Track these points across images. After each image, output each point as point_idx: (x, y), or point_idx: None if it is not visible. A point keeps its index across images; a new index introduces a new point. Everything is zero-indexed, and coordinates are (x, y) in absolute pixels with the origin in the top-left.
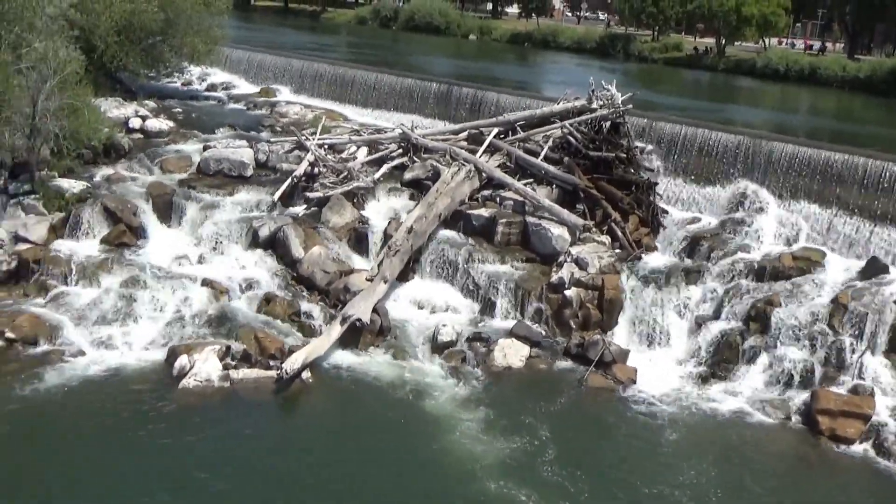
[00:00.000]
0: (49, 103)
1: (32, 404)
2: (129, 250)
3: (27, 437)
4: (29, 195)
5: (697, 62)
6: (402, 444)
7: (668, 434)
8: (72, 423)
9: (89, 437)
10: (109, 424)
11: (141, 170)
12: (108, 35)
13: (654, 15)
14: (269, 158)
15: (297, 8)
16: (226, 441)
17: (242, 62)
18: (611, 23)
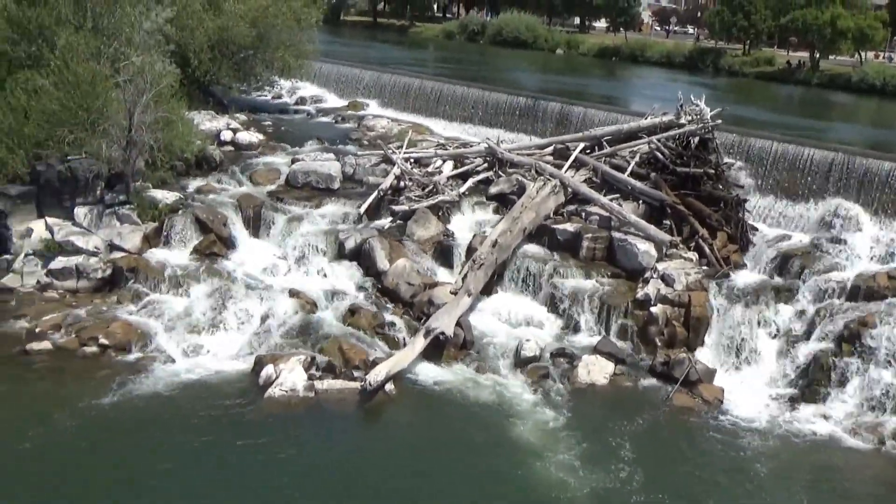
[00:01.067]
0: (145, 116)
1: (123, 409)
2: (218, 260)
3: (117, 442)
4: (124, 205)
5: (790, 76)
6: (482, 460)
7: (757, 457)
8: (160, 428)
9: (177, 443)
10: (196, 431)
11: (231, 182)
12: (202, 50)
13: (746, 28)
14: (356, 171)
15: (386, 23)
16: (309, 451)
17: (331, 76)
18: (700, 37)
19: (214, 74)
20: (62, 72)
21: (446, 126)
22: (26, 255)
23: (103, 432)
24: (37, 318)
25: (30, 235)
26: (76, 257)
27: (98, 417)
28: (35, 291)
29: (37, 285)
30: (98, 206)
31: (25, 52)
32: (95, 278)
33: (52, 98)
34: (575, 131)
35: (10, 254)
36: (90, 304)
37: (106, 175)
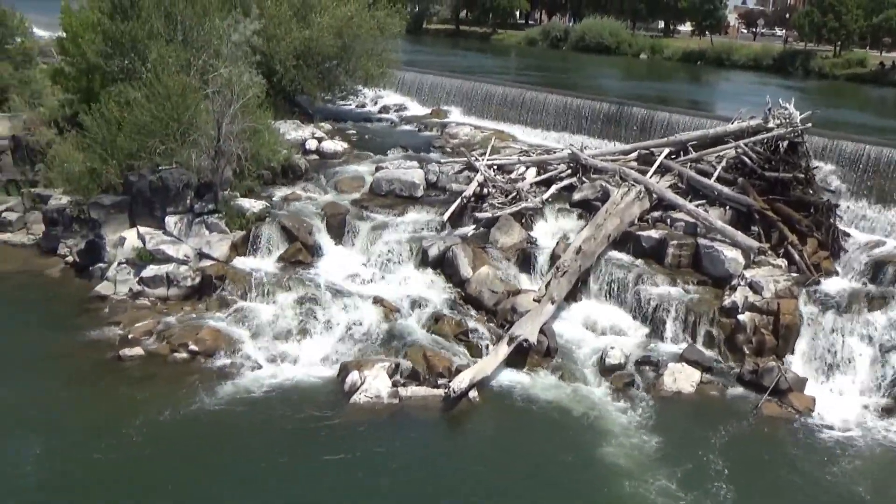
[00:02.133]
0: (233, 126)
1: (212, 414)
2: (304, 268)
3: (205, 446)
4: (213, 214)
5: (883, 78)
6: (566, 469)
7: (850, 469)
8: (247, 433)
9: (263, 448)
10: (282, 437)
11: (316, 190)
12: (288, 60)
13: (836, 29)
14: (439, 179)
15: (468, 30)
16: (393, 457)
17: (414, 84)
18: (789, 39)
19: (300, 84)
20: (153, 84)
21: (529, 133)
22: (119, 263)
23: (192, 437)
24: (129, 325)
25: (122, 244)
26: (167, 266)
27: (187, 422)
28: (128, 299)
29: (129, 293)
30: (188, 215)
31: (118, 65)
32: (185, 286)
33: (144, 110)
34: (659, 137)
35: (104, 262)
36: (180, 311)
37: (195, 185)
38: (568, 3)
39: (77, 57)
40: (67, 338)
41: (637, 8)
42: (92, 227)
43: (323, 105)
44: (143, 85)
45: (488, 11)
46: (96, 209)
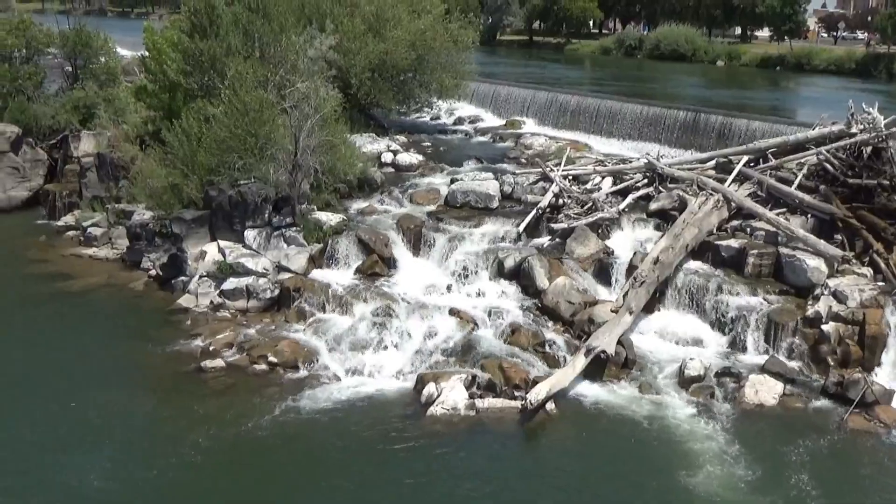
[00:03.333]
0: (310, 140)
1: (290, 426)
2: (380, 280)
3: (284, 457)
4: (291, 227)
5: None
6: (645, 483)
7: None
8: (325, 445)
9: (341, 460)
10: (360, 448)
11: (392, 202)
12: (363, 74)
13: None
14: (515, 190)
15: (542, 41)
16: (471, 469)
17: (488, 96)
18: (871, 42)
19: (375, 98)
20: (232, 100)
21: (604, 142)
22: (200, 276)
23: (271, 448)
24: (210, 337)
25: (203, 258)
26: (246, 278)
27: (267, 433)
28: (209, 311)
29: (210, 305)
30: (266, 228)
31: (198, 82)
32: (264, 298)
33: (223, 126)
34: (738, 144)
35: (185, 276)
36: (259, 323)
37: (273, 199)
38: (642, 12)
39: (159, 75)
40: (151, 349)
41: (713, 14)
42: (174, 242)
43: (398, 118)
44: (221, 101)
45: (562, 21)
46: (178, 224)
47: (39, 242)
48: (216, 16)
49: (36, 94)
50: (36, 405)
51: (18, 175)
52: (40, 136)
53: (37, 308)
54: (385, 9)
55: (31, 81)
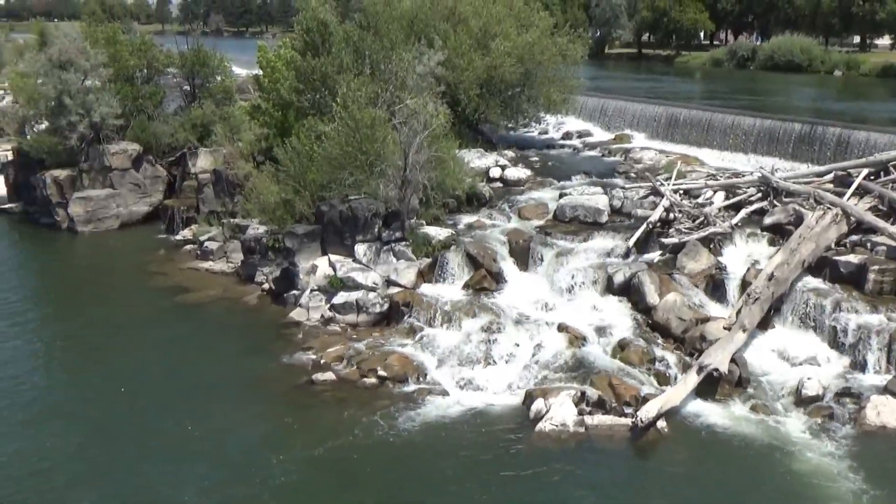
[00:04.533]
0: (419, 156)
1: (400, 439)
2: (489, 295)
3: (393, 471)
4: (400, 242)
5: None
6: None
7: None
8: (433, 459)
9: (449, 474)
10: (468, 463)
11: (500, 217)
12: (471, 89)
13: None
14: (624, 204)
15: (651, 53)
16: (580, 486)
17: (597, 110)
18: None
19: (483, 113)
20: (343, 117)
21: (716, 156)
22: (312, 290)
23: (380, 462)
24: (321, 350)
25: (315, 272)
26: (356, 292)
27: (376, 447)
28: (319, 325)
29: (321, 319)
30: (376, 243)
31: (309, 100)
32: (374, 312)
33: (334, 143)
34: (857, 157)
35: (297, 289)
36: (369, 337)
37: (383, 214)
38: (755, 22)
39: (272, 93)
40: (264, 362)
41: (830, 23)
42: (286, 256)
43: (506, 133)
44: (332, 119)
45: (672, 33)
46: (290, 238)
47: (159, 256)
48: (328, 34)
49: (156, 113)
50: (153, 414)
51: (139, 191)
52: (160, 153)
53: (157, 319)
54: (492, 24)
55: (152, 101)
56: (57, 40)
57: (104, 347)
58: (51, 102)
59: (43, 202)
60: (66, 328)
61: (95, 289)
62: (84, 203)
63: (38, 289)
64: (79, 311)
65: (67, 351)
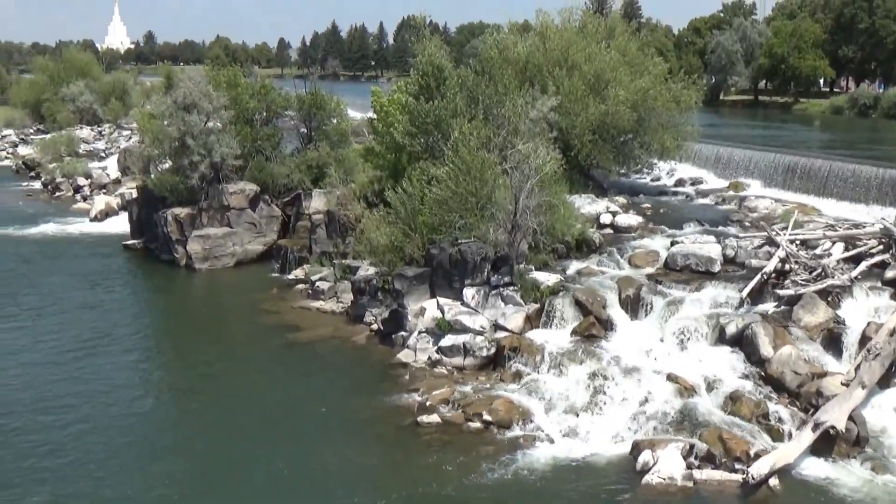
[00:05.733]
0: (529, 201)
1: (504, 486)
2: (597, 342)
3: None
4: (508, 287)
5: None
6: None
7: None
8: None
9: None
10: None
11: (610, 264)
12: (584, 135)
13: None
14: (738, 254)
15: (768, 100)
16: None
17: (711, 156)
18: None
19: (595, 158)
20: (454, 161)
21: (835, 206)
22: (420, 332)
23: None
24: (427, 392)
25: (423, 314)
26: (464, 336)
27: (479, 491)
28: (426, 367)
29: (428, 361)
30: (485, 287)
31: (422, 144)
32: (481, 356)
33: (445, 186)
34: None
35: (405, 331)
36: (475, 380)
37: (492, 258)
38: (878, 69)
39: (385, 136)
40: (370, 402)
41: None
42: (395, 297)
43: (617, 179)
44: (444, 162)
45: (790, 80)
46: (400, 280)
47: (272, 294)
48: (443, 78)
49: (273, 155)
50: (260, 448)
51: (255, 230)
52: (275, 193)
53: (268, 356)
54: (605, 70)
55: (270, 143)
56: (182, 83)
57: (217, 382)
58: (174, 143)
59: (164, 239)
60: (181, 362)
61: (210, 325)
62: (202, 241)
63: (156, 323)
64: (194, 346)
65: (181, 384)
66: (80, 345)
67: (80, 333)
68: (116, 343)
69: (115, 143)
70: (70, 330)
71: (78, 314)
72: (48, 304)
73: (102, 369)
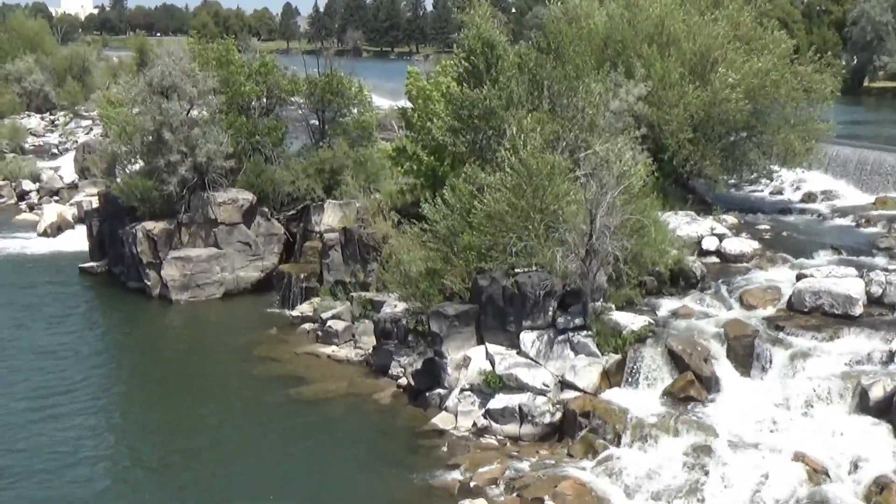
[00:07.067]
0: (609, 219)
1: None
2: (696, 406)
3: None
4: (580, 331)
5: None
6: None
7: None
8: None
9: None
10: None
11: (715, 303)
12: (681, 132)
13: None
14: (886, 292)
15: None
16: None
17: (850, 163)
18: None
19: (696, 164)
20: (512, 165)
21: None
22: (462, 389)
23: None
24: (471, 469)
25: (467, 366)
26: (520, 395)
27: None
28: (470, 435)
29: (472, 428)
30: (548, 331)
31: (469, 142)
32: (542, 423)
33: (499, 197)
34: None
35: (443, 387)
36: (534, 455)
37: (559, 293)
38: None
39: (422, 132)
40: (397, 480)
41: None
42: (431, 342)
43: (726, 191)
44: (498, 166)
45: None
46: (437, 320)
47: (270, 336)
48: (496, 57)
49: (275, 154)
50: None
51: (249, 252)
52: (277, 204)
53: (264, 418)
54: (712, 47)
55: (271, 138)
56: (158, 60)
57: (198, 456)
58: (147, 137)
59: (132, 261)
60: (152, 428)
61: (190, 376)
62: (181, 265)
63: (121, 374)
64: (169, 405)
65: (152, 458)
66: (24, 405)
67: (23, 390)
68: (70, 402)
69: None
70: (8, 385)
71: (20, 363)
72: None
73: (52, 439)
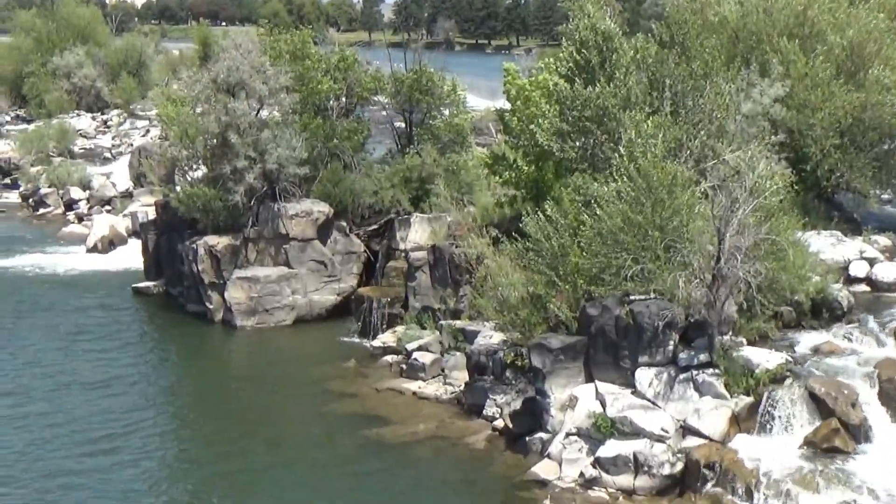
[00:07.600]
0: (740, 239)
1: None
2: (842, 458)
3: None
4: (705, 368)
5: None
6: None
7: None
8: None
9: None
10: None
11: (864, 339)
12: (826, 139)
13: None
14: None
15: None
16: None
17: None
18: None
19: (844, 176)
20: (627, 175)
21: None
22: (568, 434)
23: None
24: None
25: (574, 407)
26: (635, 441)
27: None
28: (576, 487)
29: (579, 479)
30: (668, 368)
31: (579, 148)
32: (660, 474)
33: (613, 212)
34: None
35: (545, 431)
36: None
37: (681, 324)
38: None
39: (523, 137)
40: None
41: None
42: (532, 380)
43: (878, 208)
44: (612, 176)
45: None
46: (539, 353)
47: (346, 369)
48: (611, 51)
49: (355, 161)
50: None
51: (325, 272)
52: (356, 218)
53: (339, 463)
54: (865, 41)
55: (351, 142)
56: (224, 53)
57: (263, 498)
58: (211, 140)
59: (191, 281)
60: (211, 466)
61: (254, 412)
62: (247, 286)
63: (178, 408)
64: (231, 444)
65: (210, 498)
66: (72, 440)
67: (72, 426)
68: (122, 440)
69: (125, 138)
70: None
71: (67, 396)
72: (17, 381)
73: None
